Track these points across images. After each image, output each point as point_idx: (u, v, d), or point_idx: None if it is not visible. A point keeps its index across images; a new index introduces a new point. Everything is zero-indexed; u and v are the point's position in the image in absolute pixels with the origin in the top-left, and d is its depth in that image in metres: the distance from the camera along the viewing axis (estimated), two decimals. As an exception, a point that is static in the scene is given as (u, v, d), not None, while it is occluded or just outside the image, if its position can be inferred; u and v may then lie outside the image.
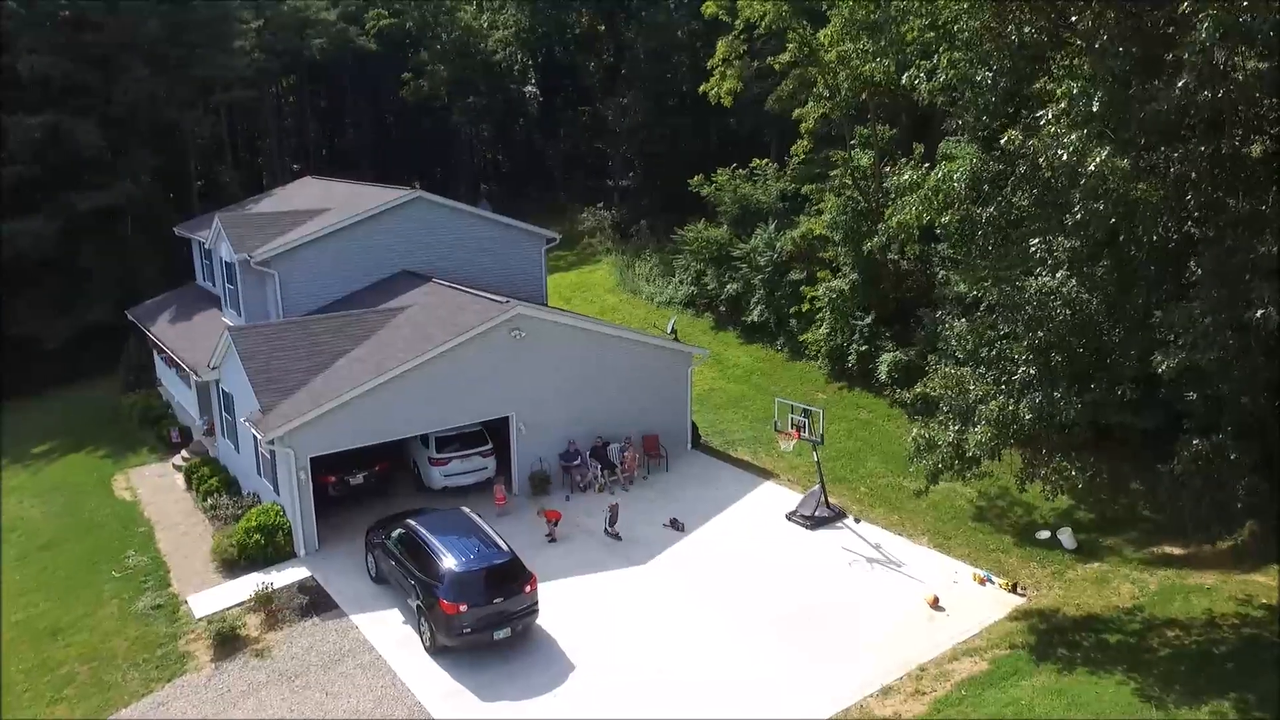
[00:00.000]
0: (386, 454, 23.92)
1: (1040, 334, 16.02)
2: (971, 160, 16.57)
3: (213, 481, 24.36)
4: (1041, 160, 14.65)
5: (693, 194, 41.14)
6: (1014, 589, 19.47)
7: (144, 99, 37.42)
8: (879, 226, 26.03)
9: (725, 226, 36.97)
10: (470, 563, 17.66)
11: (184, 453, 27.65)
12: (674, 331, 31.06)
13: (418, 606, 18.05)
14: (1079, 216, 14.62)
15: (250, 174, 50.25)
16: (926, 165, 18.02)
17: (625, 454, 25.10)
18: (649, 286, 41.97)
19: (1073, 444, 16.61)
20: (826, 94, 29.17)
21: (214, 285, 30.40)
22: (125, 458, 28.88)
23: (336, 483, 22.99)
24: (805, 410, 22.44)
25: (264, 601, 19.08)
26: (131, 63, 37.37)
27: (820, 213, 33.51)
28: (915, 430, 18.12)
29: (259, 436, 20.71)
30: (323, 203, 30.12)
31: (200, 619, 19.24)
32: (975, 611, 18.89)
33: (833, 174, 29.62)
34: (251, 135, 52.90)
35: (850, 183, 29.10)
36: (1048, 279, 16.49)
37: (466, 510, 19.79)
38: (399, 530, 19.13)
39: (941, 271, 29.71)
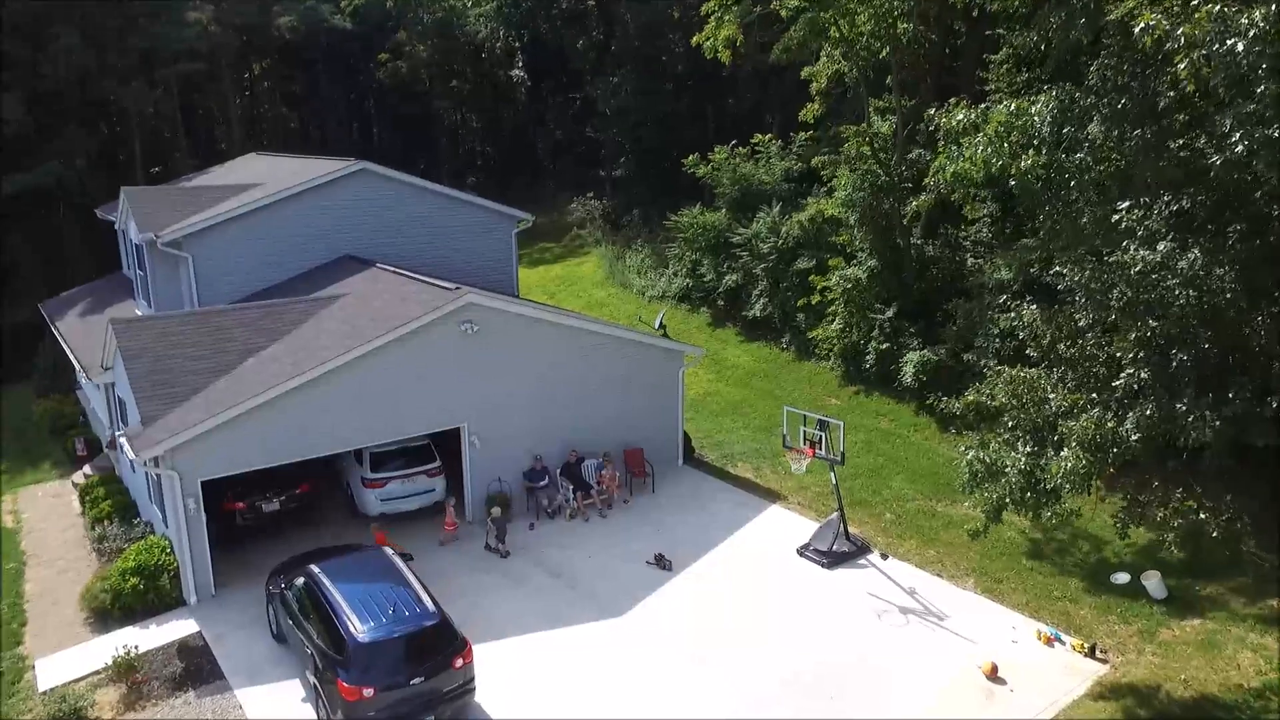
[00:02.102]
0: (311, 473, 19.35)
1: (1155, 324, 11.42)
2: (1059, 93, 11.93)
3: (105, 505, 19.77)
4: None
5: (688, 181, 36.54)
6: (1092, 652, 14.87)
7: (75, 71, 32.80)
8: (910, 201, 21.32)
9: (724, 211, 32.36)
10: (383, 628, 13.07)
11: (86, 469, 23.07)
12: (663, 327, 26.63)
13: (313, 684, 13.48)
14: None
15: (211, 161, 45.74)
16: (983, 106, 13.45)
17: (603, 472, 20.52)
18: (640, 279, 37.36)
19: (1199, 474, 12.02)
20: (841, 43, 24.43)
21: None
22: (22, 474, 24.30)
23: (246, 509, 18.40)
24: (821, 422, 17.84)
25: (124, 671, 14.50)
26: (62, 31, 32.80)
27: (831, 192, 28.89)
28: (970, 452, 13.49)
29: (131, 455, 16.13)
30: (261, 179, 25.57)
31: (43, 693, 14.66)
32: (1045, 684, 14.31)
33: (846, 145, 25.02)
34: (213, 121, 48.30)
35: (869, 152, 24.46)
36: (1146, 253, 11.95)
37: (389, 551, 15.19)
38: (300, 578, 14.54)
39: (972, 259, 25.18)
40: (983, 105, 13.55)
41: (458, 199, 25.27)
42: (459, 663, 13.22)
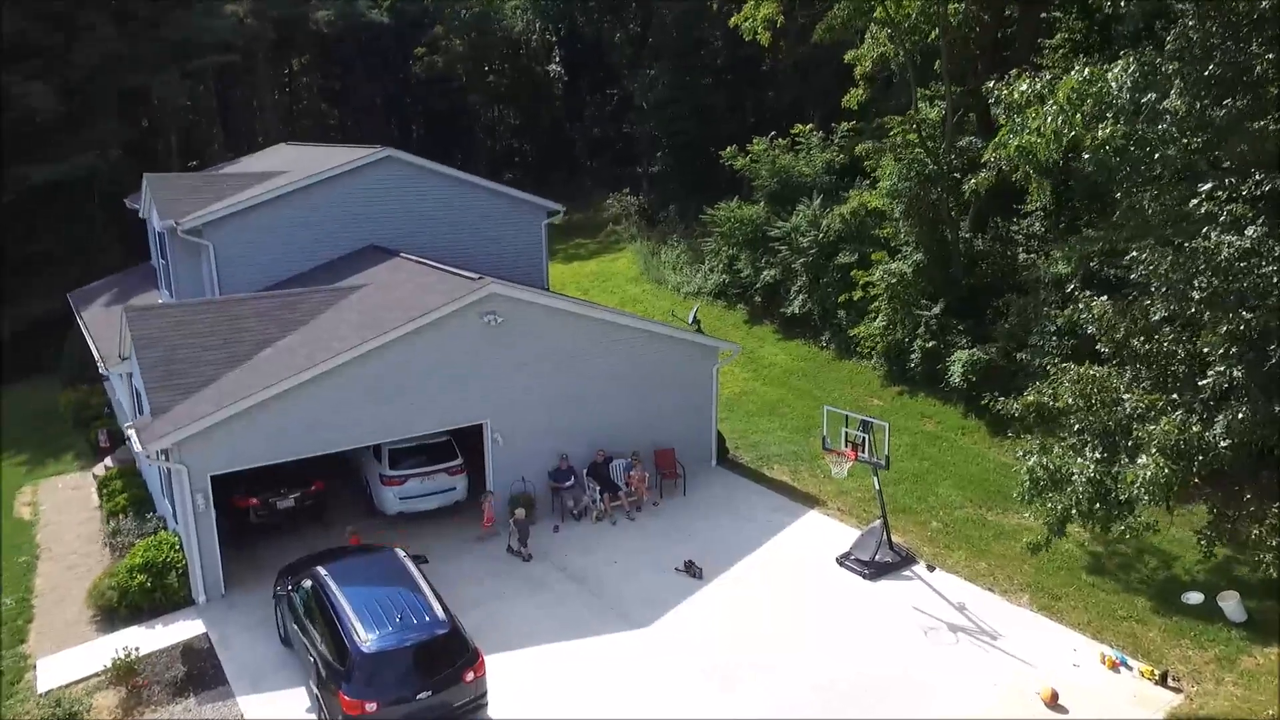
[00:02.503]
0: (328, 470, 18.53)
1: (1249, 316, 10.08)
2: (1139, 57, 10.60)
3: (121, 499, 19.10)
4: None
5: (725, 177, 35.38)
6: (1163, 680, 13.46)
7: (108, 61, 32.45)
8: (965, 181, 19.84)
9: (762, 204, 31.12)
10: (390, 637, 12.12)
11: (108, 461, 22.47)
12: (696, 322, 25.46)
13: (315, 695, 12.58)
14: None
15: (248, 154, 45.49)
16: (1049, 77, 12.15)
17: (631, 473, 19.44)
18: (675, 275, 36.24)
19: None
20: (888, 23, 23.11)
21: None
22: (44, 465, 23.85)
23: (260, 506, 17.60)
24: (864, 422, 16.58)
25: (124, 674, 13.71)
26: (95, 20, 32.49)
27: (875, 183, 27.55)
28: (1031, 458, 12.17)
29: (138, 448, 15.37)
30: (288, 167, 24.87)
31: (41, 695, 13.92)
32: (1112, 714, 12.96)
33: (892, 133, 23.66)
34: (251, 115, 48.03)
35: (916, 140, 23.09)
36: (1233, 238, 10.60)
37: (400, 553, 14.22)
38: (307, 580, 13.65)
39: (1024, 253, 23.73)
40: (1048, 76, 12.26)
41: (486, 188, 24.34)
42: (470, 676, 12.23)
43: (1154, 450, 10.34)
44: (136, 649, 14.10)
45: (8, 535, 19.62)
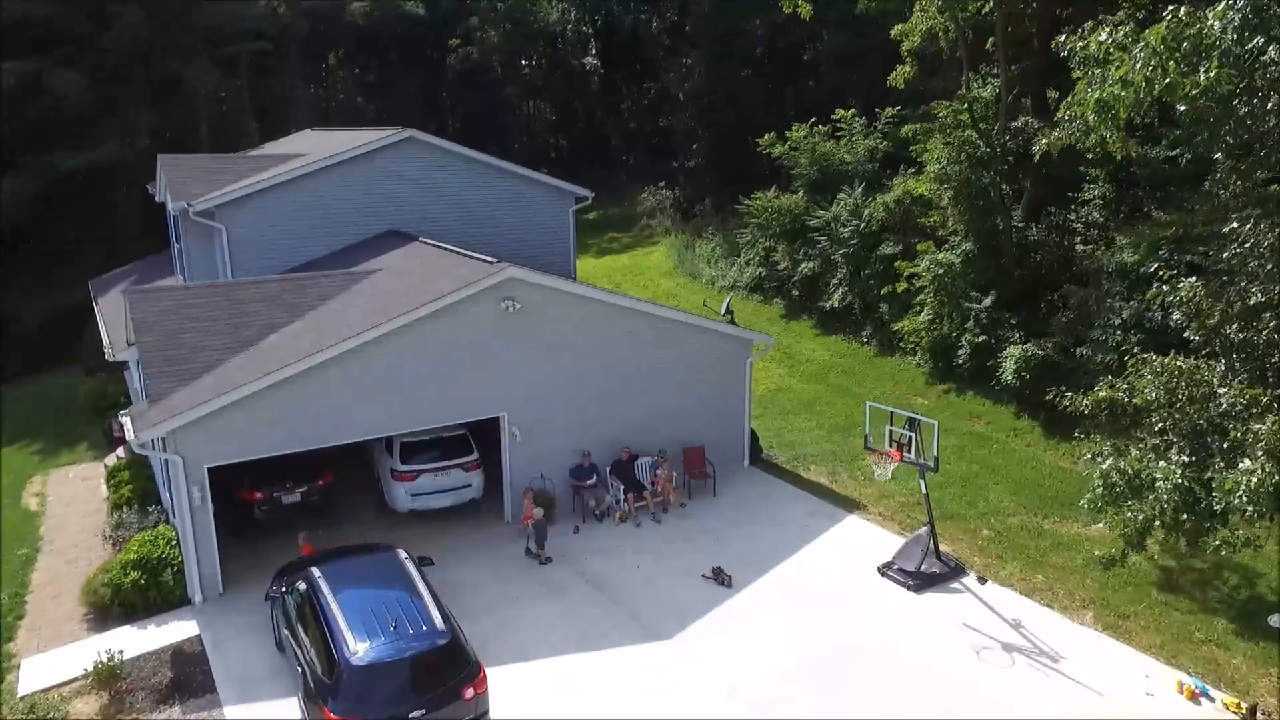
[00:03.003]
0: (338, 462, 17.46)
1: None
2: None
3: (127, 490, 18.16)
4: None
5: (763, 169, 34.03)
6: (1252, 714, 11.82)
7: (138, 48, 31.84)
8: (1034, 146, 18.05)
9: (801, 193, 29.59)
10: (382, 647, 10.92)
11: (120, 450, 21.62)
12: (729, 312, 24.03)
13: (303, 708, 11.41)
14: None
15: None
16: (1130, 25, 10.57)
17: (658, 472, 18.10)
18: (710, 269, 34.84)
19: None
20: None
21: (178, 249, 24.45)
22: (58, 455, 23.11)
23: (264, 500, 16.55)
24: (910, 420, 15.06)
25: (106, 679, 12.67)
26: (125, 8, 31.90)
27: (921, 170, 25.93)
28: (1105, 461, 10.61)
29: (130, 437, 14.35)
30: (309, 150, 23.88)
31: (21, 698, 12.93)
32: (1193, 753, 11.36)
33: (942, 113, 22.01)
34: (288, 107, 47.42)
35: (967, 118, 21.42)
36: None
37: (402, 554, 13.00)
38: (301, 583, 12.50)
39: (1083, 244, 21.97)
40: (1129, 25, 10.70)
41: (512, 172, 23.13)
42: (470, 693, 10.98)
43: (1260, 453, 8.78)
44: (121, 652, 13.06)
45: (12, 527, 18.80)
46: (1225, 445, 9.39)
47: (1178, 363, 10.57)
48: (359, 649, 10.84)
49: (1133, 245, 17.87)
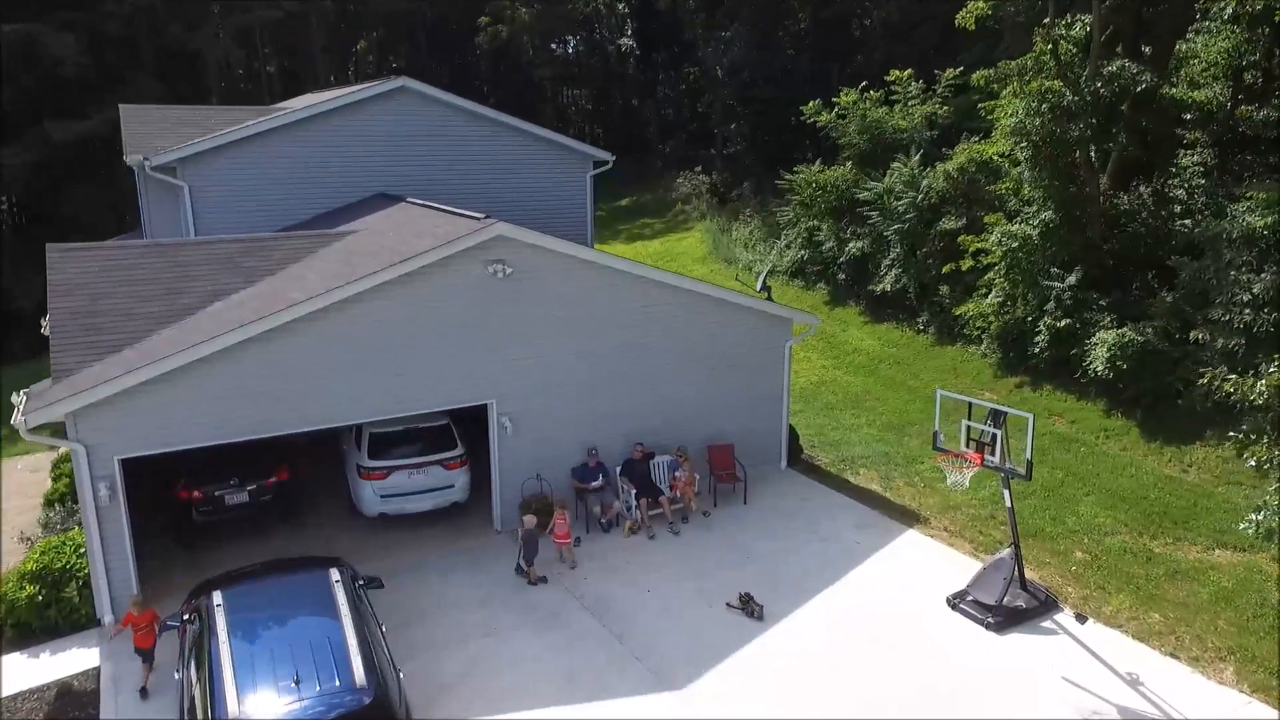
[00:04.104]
0: (305, 453, 14.55)
1: None
2: None
3: (62, 484, 15.44)
4: None
5: (806, 149, 30.51)
6: None
7: (142, 14, 29.37)
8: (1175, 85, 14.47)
9: (848, 165, 26.11)
10: (275, 710, 7.79)
11: (80, 439, 18.90)
12: (766, 288, 20.60)
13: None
14: None
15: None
16: None
17: (678, 473, 14.85)
18: (747, 253, 31.46)
19: None
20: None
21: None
22: (16, 444, 20.48)
23: (203, 501, 13.59)
24: (994, 414, 11.58)
25: (-40, 727, 9.77)
26: (129, -31, 29.53)
27: (988, 134, 22.34)
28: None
29: (20, 419, 11.46)
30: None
31: None
32: None
33: (1025, 56, 18.32)
34: (315, 85, 44.99)
35: (1051, 61, 17.75)
36: None
37: (334, 576, 9.88)
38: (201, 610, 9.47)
39: (1183, 219, 18.24)
40: None
41: (522, 130, 20.02)
42: (395, 777, 7.84)
43: None
44: (-15, 691, 10.16)
45: (-65, 523, 16.14)
46: None
47: None
48: (243, 709, 7.75)
49: (1265, 205, 14.23)
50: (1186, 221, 18.11)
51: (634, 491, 14.59)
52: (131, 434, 11.67)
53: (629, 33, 52.76)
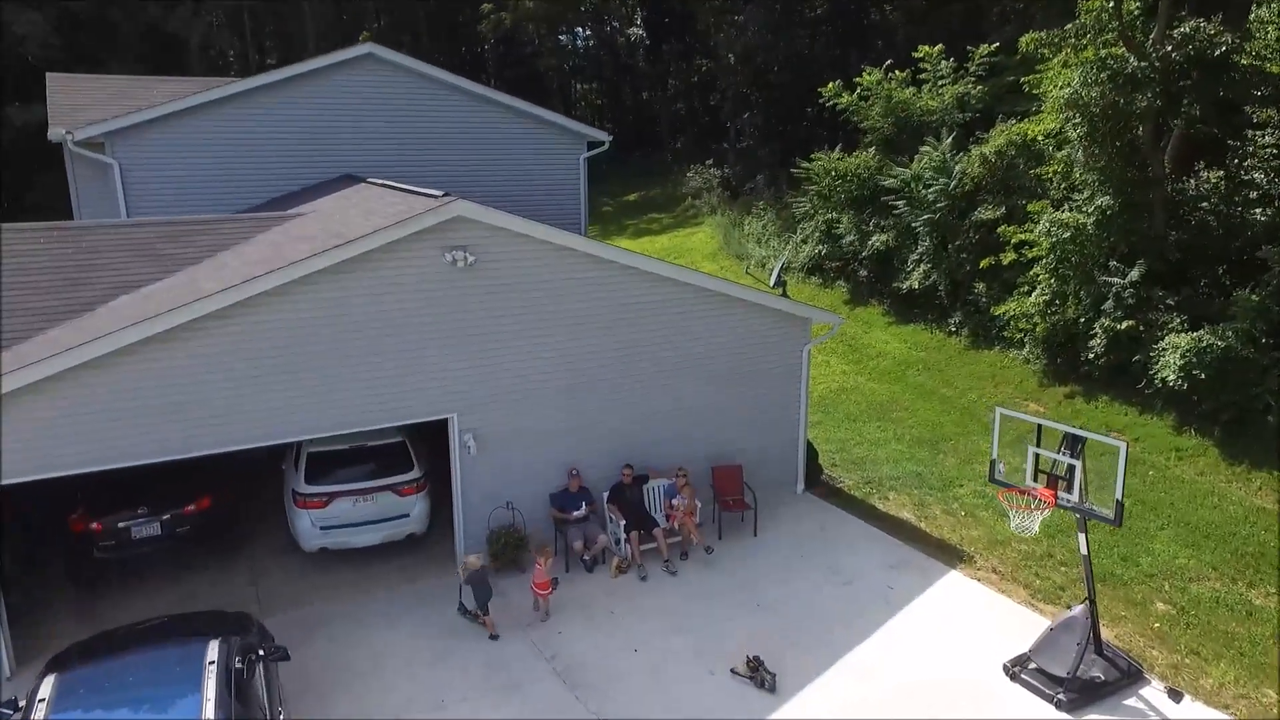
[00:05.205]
0: (248, 473, 12.20)
1: None
2: None
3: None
4: None
5: (824, 139, 27.89)
6: None
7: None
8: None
9: (871, 151, 23.54)
10: None
11: None
12: (781, 283, 18.02)
13: None
14: None
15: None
16: None
17: (676, 501, 12.35)
18: (760, 249, 28.89)
19: None
20: None
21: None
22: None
23: (102, 534, 11.18)
24: (1072, 440, 9.01)
25: None
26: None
27: (1028, 114, 19.72)
28: None
29: None
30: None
31: None
32: None
33: (1082, 15, 15.69)
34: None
35: (1112, 21, 15.12)
36: None
37: (212, 652, 7.40)
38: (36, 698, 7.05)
39: (1260, 207, 15.60)
40: None
41: (506, 105, 17.60)
42: None
43: None
44: None
45: None
46: None
47: None
48: None
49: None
50: (1266, 210, 15.48)
51: (623, 522, 12.11)
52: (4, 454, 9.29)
53: (638, 22, 50.28)
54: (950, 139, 20.94)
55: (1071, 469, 8.90)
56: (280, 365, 10.35)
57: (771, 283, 19.00)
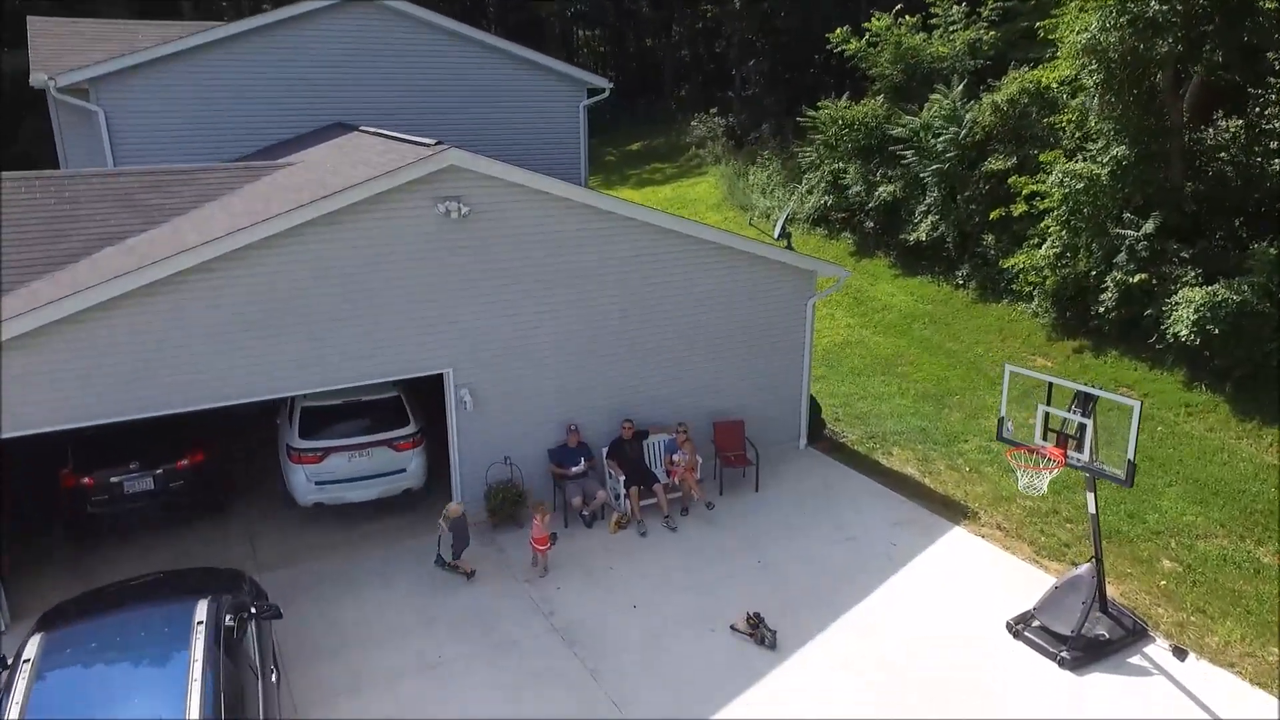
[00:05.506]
0: (241, 428, 12.05)
1: None
2: None
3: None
4: None
5: (831, 86, 27.20)
6: None
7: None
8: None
9: (880, 99, 22.91)
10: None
11: None
12: (785, 235, 17.56)
13: None
14: None
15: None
16: None
17: (676, 456, 12.16)
18: (765, 199, 28.33)
19: None
20: None
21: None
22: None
23: (96, 488, 11.03)
24: (1083, 399, 8.75)
25: None
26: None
27: (1041, 62, 19.09)
28: None
29: None
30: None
31: None
32: None
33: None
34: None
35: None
36: None
37: (200, 614, 7.25)
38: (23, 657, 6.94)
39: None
40: None
41: (500, 50, 17.04)
42: None
43: None
44: None
45: None
46: None
47: None
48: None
49: None
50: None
51: (622, 478, 11.94)
52: (-22, 413, 9.08)
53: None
54: (961, 87, 20.33)
55: (1082, 428, 8.64)
56: (268, 319, 10.07)
57: (776, 234, 18.56)
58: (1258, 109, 15.95)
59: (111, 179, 11.87)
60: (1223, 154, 15.94)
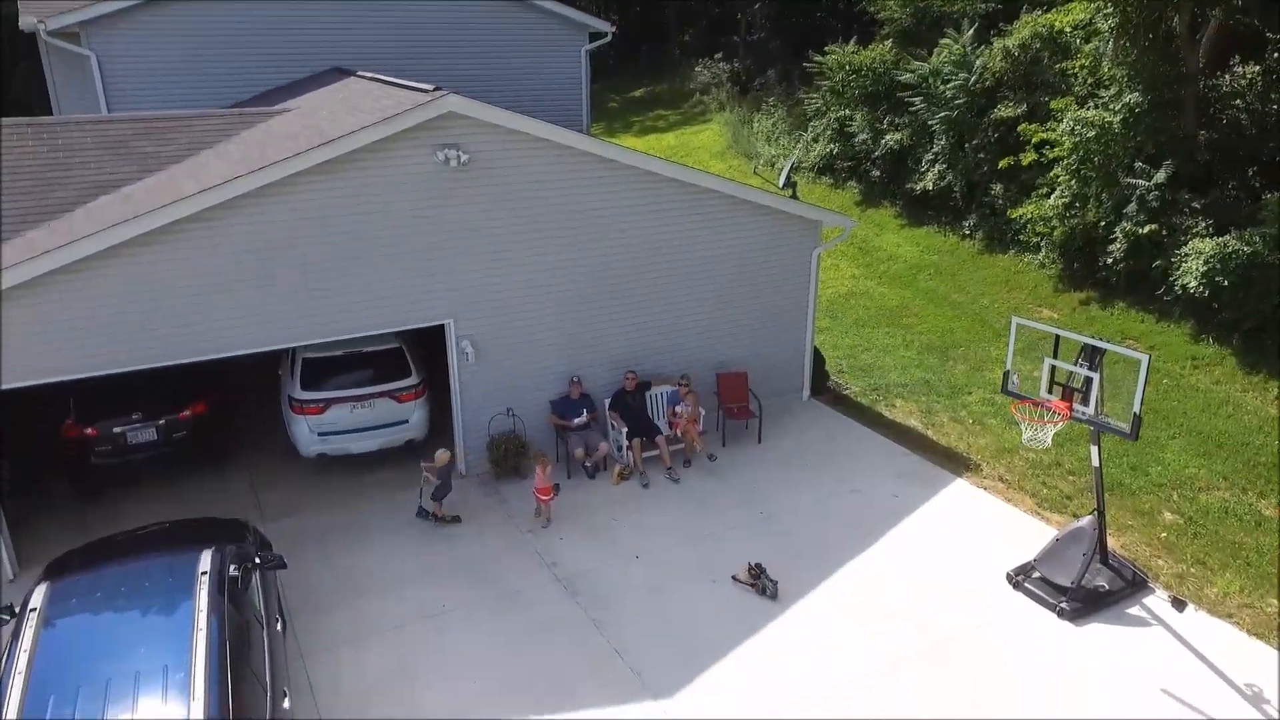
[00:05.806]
0: (246, 378, 12.03)
1: None
2: None
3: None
4: None
5: (839, 31, 26.57)
6: None
7: None
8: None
9: (888, 44, 22.38)
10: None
11: None
12: (790, 184, 17.30)
13: None
14: None
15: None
16: None
17: (679, 407, 12.13)
18: (770, 147, 27.87)
19: None
20: None
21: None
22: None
23: (98, 439, 11.03)
24: (1090, 351, 8.65)
25: None
26: None
27: (1065, 1, 18.59)
28: None
29: None
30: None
31: None
32: None
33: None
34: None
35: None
36: None
37: (205, 564, 7.28)
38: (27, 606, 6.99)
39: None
40: None
41: (499, -7, 16.60)
42: None
43: None
44: None
45: None
46: None
47: None
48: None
49: None
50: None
51: (625, 430, 11.92)
52: (-24, 364, 9.03)
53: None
54: (971, 31, 19.82)
55: (1088, 381, 8.56)
56: (266, 269, 9.95)
57: (781, 183, 18.26)
58: (1277, 55, 15.55)
59: (105, 125, 11.63)
60: (1238, 101, 15.59)
